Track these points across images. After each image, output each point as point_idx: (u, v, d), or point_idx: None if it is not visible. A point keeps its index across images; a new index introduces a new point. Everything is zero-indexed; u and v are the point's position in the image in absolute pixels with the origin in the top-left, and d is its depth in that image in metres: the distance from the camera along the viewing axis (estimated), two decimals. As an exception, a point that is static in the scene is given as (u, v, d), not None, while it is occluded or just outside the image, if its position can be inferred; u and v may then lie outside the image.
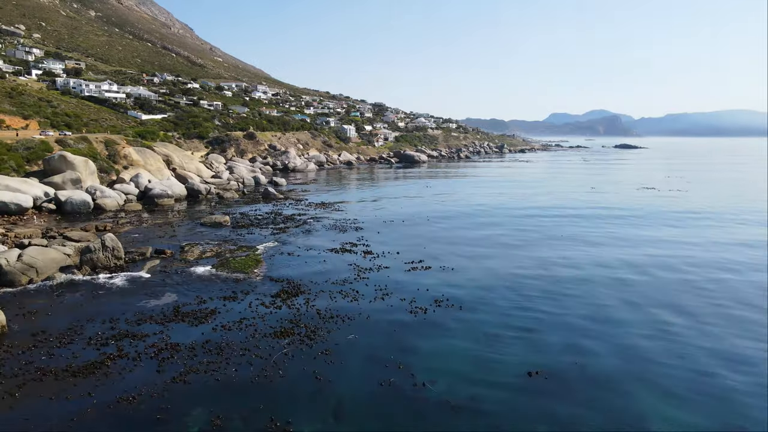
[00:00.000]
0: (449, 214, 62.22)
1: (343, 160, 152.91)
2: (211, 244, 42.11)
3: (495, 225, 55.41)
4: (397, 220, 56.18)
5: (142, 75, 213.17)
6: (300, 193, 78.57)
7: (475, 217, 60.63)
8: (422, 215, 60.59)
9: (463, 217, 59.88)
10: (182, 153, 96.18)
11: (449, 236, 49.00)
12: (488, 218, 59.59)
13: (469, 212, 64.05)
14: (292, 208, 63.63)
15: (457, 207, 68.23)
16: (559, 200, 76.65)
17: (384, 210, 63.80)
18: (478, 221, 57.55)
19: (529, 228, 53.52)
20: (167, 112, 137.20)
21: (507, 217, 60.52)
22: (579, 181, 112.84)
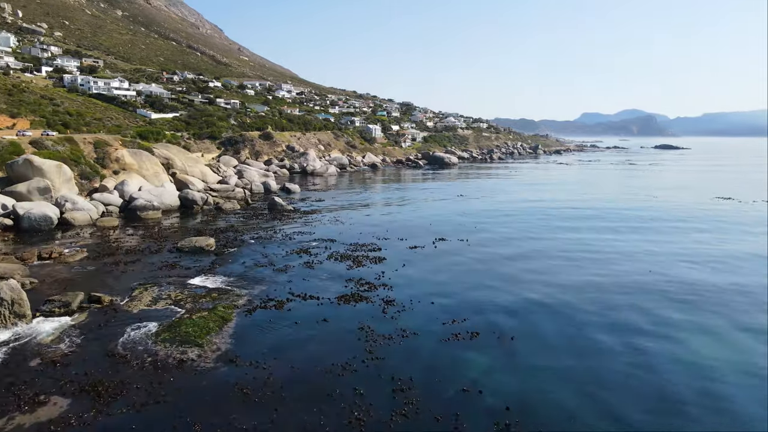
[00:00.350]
0: (500, 233, 49.97)
1: (368, 162, 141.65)
2: (174, 286, 30.98)
3: (576, 255, 42.21)
4: (429, 245, 44.28)
5: (161, 73, 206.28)
6: (313, 203, 67.36)
7: (532, 239, 48.05)
8: (461, 233, 48.65)
9: (519, 239, 47.43)
10: (186, 155, 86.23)
11: (506, 272, 36.82)
12: (559, 241, 47.06)
13: (524, 228, 51.76)
14: (299, 224, 52.33)
15: (509, 222, 55.81)
16: (647, 211, 63.67)
17: (413, 227, 51.93)
18: (541, 247, 44.79)
19: (640, 258, 40.85)
20: (180, 111, 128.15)
21: (588, 250, 44.42)
22: (642, 187, 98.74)
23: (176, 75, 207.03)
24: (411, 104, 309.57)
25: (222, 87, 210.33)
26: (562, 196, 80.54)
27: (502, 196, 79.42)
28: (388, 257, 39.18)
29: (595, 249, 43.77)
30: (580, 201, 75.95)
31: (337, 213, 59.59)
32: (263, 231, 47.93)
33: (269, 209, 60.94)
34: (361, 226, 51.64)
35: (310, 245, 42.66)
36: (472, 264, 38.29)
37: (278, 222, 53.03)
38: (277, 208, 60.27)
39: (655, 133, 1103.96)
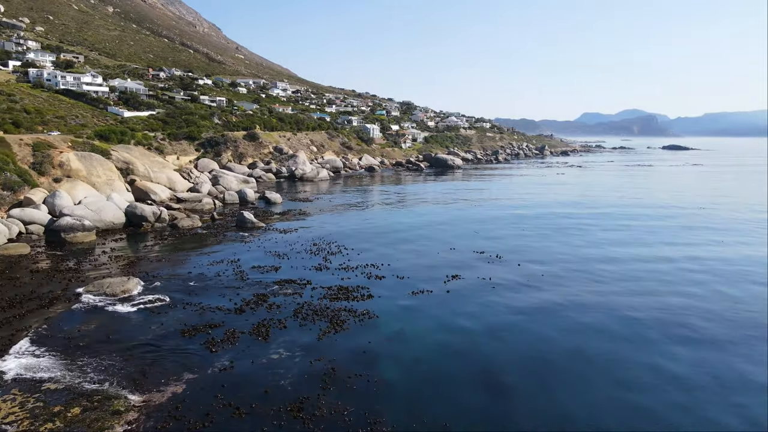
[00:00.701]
0: (536, 263, 38.18)
1: (365, 165, 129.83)
2: (27, 391, 18.91)
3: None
4: (438, 286, 32.33)
5: (147, 69, 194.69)
6: (294, 218, 55.45)
7: (596, 283, 35.51)
8: (480, 265, 36.84)
9: (571, 280, 35.08)
10: (151, 159, 74.44)
11: (584, 371, 23.95)
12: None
13: (574, 261, 39.92)
14: (268, 250, 40.50)
15: (548, 249, 43.98)
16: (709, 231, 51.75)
17: (416, 256, 40.09)
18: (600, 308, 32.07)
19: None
20: (158, 109, 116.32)
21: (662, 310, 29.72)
22: (685, 193, 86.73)
23: (163, 72, 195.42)
24: (411, 103, 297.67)
25: (212, 85, 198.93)
26: (604, 203, 68.77)
27: (524, 206, 67.50)
28: (380, 312, 27.11)
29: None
30: (630, 208, 64.22)
31: (321, 232, 47.73)
32: (214, 264, 35.97)
33: (238, 227, 49.14)
34: (349, 254, 39.72)
35: (272, 289, 30.67)
36: (509, 335, 25.73)
37: (241, 246, 41.16)
38: (247, 226, 48.46)
39: (656, 134, 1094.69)
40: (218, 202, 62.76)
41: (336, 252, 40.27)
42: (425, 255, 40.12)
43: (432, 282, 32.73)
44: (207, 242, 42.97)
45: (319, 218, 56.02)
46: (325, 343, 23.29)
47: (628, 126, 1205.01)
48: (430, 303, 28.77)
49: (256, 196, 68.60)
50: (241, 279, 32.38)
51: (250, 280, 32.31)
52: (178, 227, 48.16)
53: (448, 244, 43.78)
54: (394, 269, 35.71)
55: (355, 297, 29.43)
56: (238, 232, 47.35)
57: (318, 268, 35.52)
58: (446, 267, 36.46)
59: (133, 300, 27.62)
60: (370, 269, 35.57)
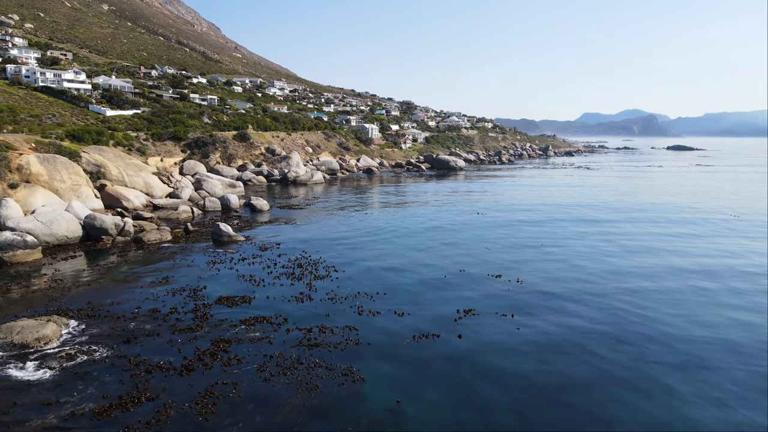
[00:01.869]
0: (564, 289, 31.70)
1: (363, 167, 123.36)
2: None
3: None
4: (446, 330, 25.60)
5: (139, 67, 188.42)
6: (279, 230, 48.90)
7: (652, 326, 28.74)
8: (497, 296, 30.35)
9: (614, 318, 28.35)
10: (127, 161, 67.90)
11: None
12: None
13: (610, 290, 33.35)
14: (241, 274, 33.99)
15: (576, 269, 37.44)
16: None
17: (417, 281, 33.54)
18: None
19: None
20: (144, 107, 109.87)
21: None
22: (735, 199, 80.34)
23: (155, 70, 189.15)
24: (411, 103, 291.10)
25: (206, 83, 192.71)
26: (633, 206, 62.32)
27: (541, 213, 61.00)
28: (369, 372, 20.38)
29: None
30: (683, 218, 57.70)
31: (309, 247, 41.17)
32: (173, 294, 29.29)
33: (213, 240, 42.66)
34: (339, 278, 33.13)
35: (238, 331, 24.09)
36: (548, 413, 18.74)
37: (211, 268, 34.56)
38: (223, 240, 41.96)
39: (657, 134, 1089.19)
40: (197, 210, 56.21)
41: (324, 275, 33.70)
42: (430, 280, 33.44)
43: (439, 321, 26.12)
44: (172, 262, 36.40)
45: (309, 229, 49.43)
46: (285, 427, 16.70)
47: (629, 126, 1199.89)
48: (438, 356, 22.02)
49: (241, 202, 62.07)
50: (202, 317, 25.79)
51: (213, 318, 25.74)
52: (143, 241, 41.63)
53: (456, 264, 37.13)
54: (391, 300, 29.14)
55: (338, 344, 22.81)
56: (212, 247, 40.82)
57: (299, 299, 28.95)
58: (456, 297, 29.84)
59: (48, 355, 20.87)
60: (362, 300, 29.02)
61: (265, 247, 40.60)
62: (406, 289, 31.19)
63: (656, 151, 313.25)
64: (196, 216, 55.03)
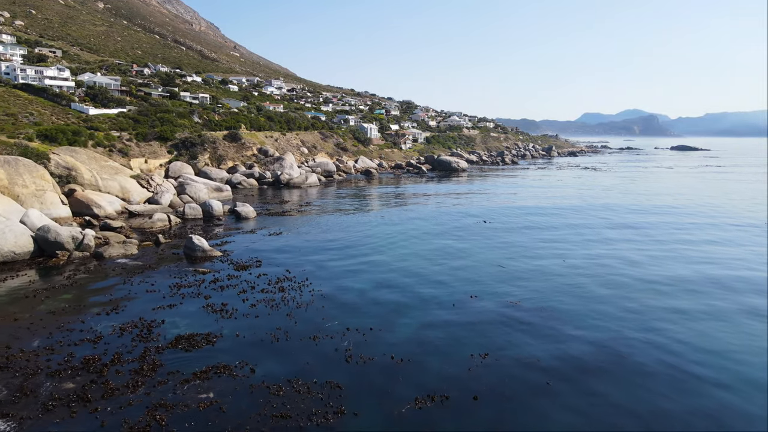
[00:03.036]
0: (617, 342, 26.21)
1: (361, 168, 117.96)
2: None
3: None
4: (461, 389, 19.88)
5: (131, 65, 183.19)
6: (263, 243, 43.43)
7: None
8: (516, 337, 24.73)
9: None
10: (103, 163, 62.44)
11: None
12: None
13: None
14: (209, 304, 28.34)
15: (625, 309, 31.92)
16: None
17: (422, 323, 27.96)
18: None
19: None
20: (130, 106, 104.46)
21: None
22: (757, 203, 74.55)
23: (147, 68, 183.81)
24: (412, 102, 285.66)
25: (201, 82, 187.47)
26: (654, 207, 56.85)
27: (559, 220, 55.55)
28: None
29: None
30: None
31: (294, 265, 35.66)
32: (119, 333, 23.47)
33: (186, 256, 37.22)
34: (325, 308, 27.41)
35: (188, 388, 18.56)
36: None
37: (174, 294, 29.05)
38: (196, 255, 36.51)
39: (658, 134, 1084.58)
40: (175, 218, 50.72)
41: (308, 302, 28.22)
42: (435, 309, 27.85)
43: (449, 368, 20.57)
44: (129, 286, 30.91)
45: (297, 241, 43.93)
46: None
47: (629, 126, 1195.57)
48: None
49: (225, 208, 56.58)
50: (149, 367, 20.14)
51: (163, 368, 20.16)
52: (104, 257, 36.20)
53: (466, 286, 31.59)
54: (388, 338, 23.63)
55: (314, 415, 17.19)
56: (182, 264, 35.35)
57: (275, 337, 23.42)
58: (468, 334, 24.31)
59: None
60: (352, 338, 23.50)
61: (245, 265, 35.09)
62: (406, 323, 25.69)
63: (660, 151, 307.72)
64: (174, 225, 49.56)
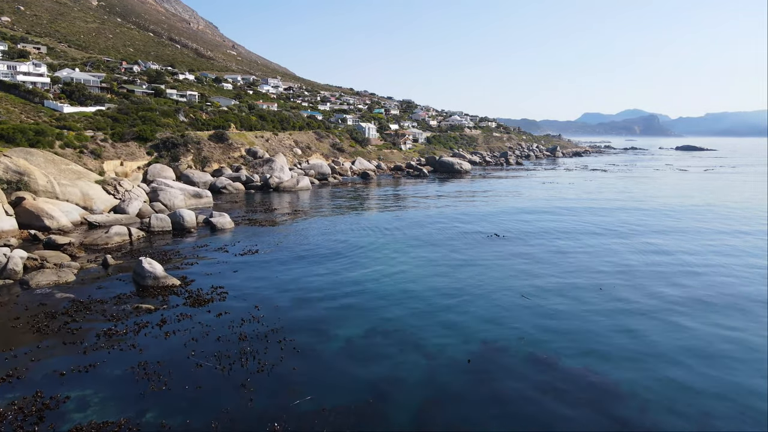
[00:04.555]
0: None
1: (358, 170, 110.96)
2: None
3: None
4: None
5: (120, 62, 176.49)
6: (234, 263, 36.29)
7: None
8: (550, 404, 17.83)
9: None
10: (63, 167, 55.28)
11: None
12: None
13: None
14: (135, 368, 21.16)
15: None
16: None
17: (426, 380, 20.79)
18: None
19: None
20: (111, 103, 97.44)
21: None
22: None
23: (137, 65, 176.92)
24: (412, 102, 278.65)
25: (194, 80, 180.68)
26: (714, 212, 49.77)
27: (586, 233, 48.41)
28: None
29: None
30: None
31: (265, 299, 28.39)
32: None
33: (135, 285, 30.10)
34: (292, 372, 20.37)
35: None
36: None
37: (96, 350, 21.83)
38: (147, 285, 29.43)
39: (658, 134, 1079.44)
40: (137, 232, 43.55)
41: (274, 363, 20.97)
42: (445, 375, 20.68)
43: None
44: (41, 333, 23.72)
45: (274, 263, 36.65)
46: None
47: (630, 126, 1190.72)
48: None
49: (200, 219, 49.43)
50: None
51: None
52: (30, 286, 29.14)
53: (482, 334, 24.23)
54: (383, 427, 16.66)
55: None
56: (124, 298, 28.20)
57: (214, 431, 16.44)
58: (489, 410, 17.36)
59: None
60: (328, 426, 16.53)
61: (204, 299, 27.87)
62: (406, 399, 18.53)
63: (665, 151, 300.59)
64: (136, 239, 42.41)
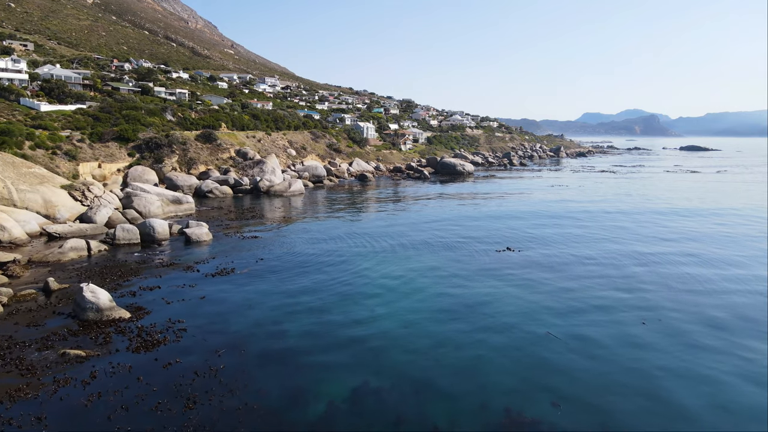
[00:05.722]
0: None
1: (355, 172, 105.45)
2: None
3: None
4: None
5: (111, 60, 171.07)
6: (203, 283, 30.77)
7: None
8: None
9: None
10: (24, 170, 49.69)
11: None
12: None
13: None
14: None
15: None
16: None
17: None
18: None
19: None
20: (93, 101, 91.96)
21: None
22: None
23: (129, 63, 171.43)
24: (412, 101, 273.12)
25: (187, 78, 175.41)
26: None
27: (616, 250, 42.81)
28: None
29: None
30: None
31: (231, 349, 22.58)
32: None
33: (76, 318, 24.52)
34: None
35: None
36: None
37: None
38: (89, 318, 23.80)
39: (659, 134, 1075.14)
40: (98, 246, 37.97)
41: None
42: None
43: None
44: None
45: (249, 289, 30.87)
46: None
47: (630, 126, 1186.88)
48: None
49: (174, 229, 43.85)
50: None
51: None
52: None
53: (502, 400, 18.90)
54: None
55: None
56: (56, 339, 22.62)
57: None
58: None
59: None
60: None
61: (154, 340, 22.22)
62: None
63: (670, 151, 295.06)
64: (95, 254, 36.83)
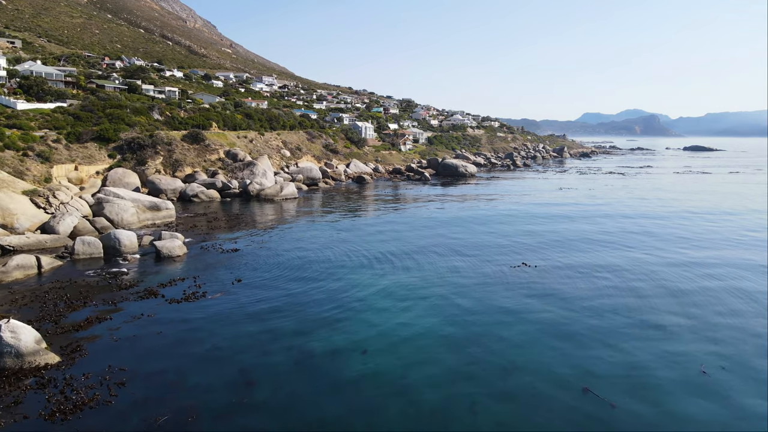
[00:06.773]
0: None
1: (353, 174, 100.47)
2: None
3: None
4: None
5: (102, 58, 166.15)
6: (165, 311, 25.73)
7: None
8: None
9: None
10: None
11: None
12: None
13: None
14: None
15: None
16: None
17: None
18: None
19: None
20: (76, 99, 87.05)
21: None
22: None
23: (120, 61, 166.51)
24: (412, 101, 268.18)
25: (182, 77, 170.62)
26: None
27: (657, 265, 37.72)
28: None
29: None
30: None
31: (182, 404, 17.99)
32: None
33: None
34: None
35: None
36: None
37: None
38: (5, 366, 18.70)
39: (659, 134, 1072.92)
40: (52, 261, 32.99)
41: None
42: None
43: None
44: None
45: (218, 320, 25.71)
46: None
47: (630, 126, 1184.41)
48: None
49: (146, 240, 38.89)
50: None
51: None
52: None
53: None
54: None
55: None
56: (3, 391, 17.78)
57: None
58: None
59: None
60: None
61: (79, 400, 16.97)
62: None
63: (673, 152, 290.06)
64: (47, 271, 31.86)
